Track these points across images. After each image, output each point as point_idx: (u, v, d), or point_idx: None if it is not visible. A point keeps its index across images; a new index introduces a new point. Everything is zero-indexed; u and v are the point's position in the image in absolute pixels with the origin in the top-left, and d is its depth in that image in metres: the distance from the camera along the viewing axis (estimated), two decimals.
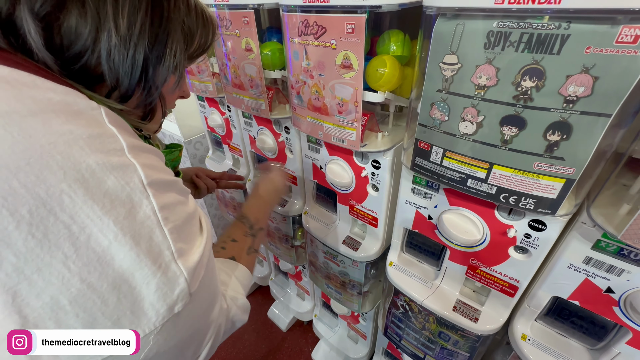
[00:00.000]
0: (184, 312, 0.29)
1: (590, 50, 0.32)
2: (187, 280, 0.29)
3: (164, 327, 0.28)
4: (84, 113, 0.26)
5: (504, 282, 0.58)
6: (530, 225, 0.49)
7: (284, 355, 1.32)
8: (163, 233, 0.27)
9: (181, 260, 0.28)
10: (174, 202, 0.29)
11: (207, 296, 0.34)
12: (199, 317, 0.33)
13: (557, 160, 0.39)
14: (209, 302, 0.35)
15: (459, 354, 0.70)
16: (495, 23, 0.35)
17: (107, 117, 0.27)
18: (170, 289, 0.28)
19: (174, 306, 0.28)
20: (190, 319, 0.31)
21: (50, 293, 0.23)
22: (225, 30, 0.70)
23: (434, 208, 0.60)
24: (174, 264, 0.28)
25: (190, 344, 0.33)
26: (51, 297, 0.23)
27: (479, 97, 0.40)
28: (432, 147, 0.49)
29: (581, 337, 0.56)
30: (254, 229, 0.55)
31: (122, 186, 0.25)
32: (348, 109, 0.57)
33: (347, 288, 0.91)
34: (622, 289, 0.45)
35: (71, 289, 0.23)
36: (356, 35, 0.48)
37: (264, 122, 0.87)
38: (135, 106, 0.33)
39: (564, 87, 0.34)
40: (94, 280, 0.24)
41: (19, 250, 0.22)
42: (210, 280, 0.34)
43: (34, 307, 0.23)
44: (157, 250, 0.27)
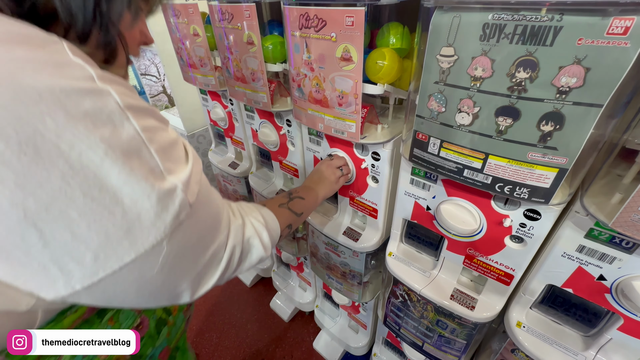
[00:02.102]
0: (189, 222, 0.31)
1: (582, 42, 0.33)
2: (184, 191, 0.30)
3: (173, 235, 0.30)
4: (47, 45, 0.25)
5: (500, 271, 0.60)
6: (526, 214, 0.51)
7: (286, 345, 1.35)
8: (150, 152, 0.28)
9: (173, 176, 0.30)
10: (154, 127, 0.30)
11: (209, 214, 0.36)
12: (205, 230, 0.35)
13: (550, 150, 0.40)
14: (211, 220, 0.36)
15: (457, 342, 0.72)
16: (491, 15, 0.36)
17: (70, 50, 0.26)
18: (171, 199, 0.29)
19: (178, 215, 0.30)
20: (197, 229, 0.33)
21: (58, 207, 0.24)
22: (227, 24, 0.71)
23: (432, 199, 0.61)
24: (167, 180, 0.29)
25: (202, 253, 0.35)
26: (60, 210, 0.24)
27: (475, 88, 0.41)
28: (430, 138, 0.50)
29: (575, 324, 0.58)
30: (292, 195, 0.59)
31: (100, 108, 0.25)
32: (348, 102, 0.58)
33: (347, 278, 0.93)
34: (613, 277, 0.46)
35: (77, 202, 0.24)
36: (356, 28, 0.49)
37: (266, 115, 0.88)
38: (95, 47, 0.32)
39: (557, 78, 0.35)
40: (96, 194, 0.25)
41: (15, 167, 0.22)
42: (208, 199, 0.36)
43: (46, 220, 0.24)
44: (148, 167, 0.28)
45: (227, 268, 0.39)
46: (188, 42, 0.88)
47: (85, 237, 0.25)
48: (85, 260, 0.26)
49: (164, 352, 0.51)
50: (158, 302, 0.34)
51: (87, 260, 0.26)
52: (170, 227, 0.29)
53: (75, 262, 0.26)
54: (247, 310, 1.49)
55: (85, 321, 0.39)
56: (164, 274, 0.31)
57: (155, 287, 0.31)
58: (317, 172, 0.71)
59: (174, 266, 0.31)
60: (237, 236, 0.41)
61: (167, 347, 0.51)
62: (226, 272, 0.39)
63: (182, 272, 0.33)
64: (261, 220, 0.47)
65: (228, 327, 1.43)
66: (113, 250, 0.27)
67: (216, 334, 1.40)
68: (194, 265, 0.34)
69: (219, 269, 0.38)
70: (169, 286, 0.33)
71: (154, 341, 0.48)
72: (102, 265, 0.27)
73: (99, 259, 0.26)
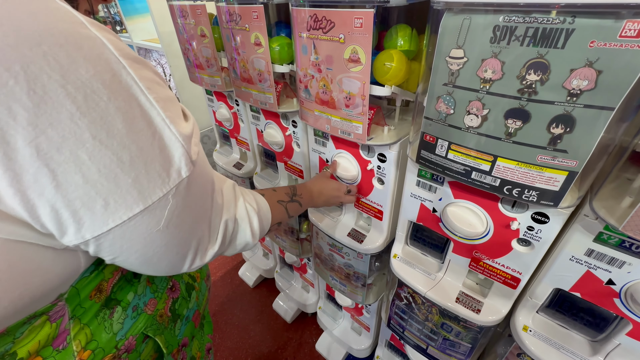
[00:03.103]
0: (191, 181, 0.32)
1: (594, 44, 0.32)
2: (184, 146, 0.31)
3: (178, 190, 0.31)
4: None
5: (506, 274, 0.59)
6: (534, 217, 0.50)
7: (289, 347, 1.34)
8: (149, 101, 0.28)
9: (174, 126, 0.30)
10: (151, 78, 0.30)
11: (207, 180, 0.37)
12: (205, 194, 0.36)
13: (560, 153, 0.40)
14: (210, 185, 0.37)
15: (461, 345, 0.71)
16: (502, 17, 0.36)
17: None
18: (172, 151, 0.30)
19: (180, 170, 0.30)
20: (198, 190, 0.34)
21: (69, 148, 0.24)
22: (234, 25, 0.71)
23: (438, 201, 0.61)
24: (168, 130, 0.30)
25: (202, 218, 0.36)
26: (70, 151, 0.24)
27: (485, 90, 0.41)
28: (438, 140, 0.50)
29: (582, 328, 0.57)
30: (295, 197, 0.60)
31: (97, 54, 0.26)
32: (355, 103, 0.58)
33: (351, 280, 0.93)
34: (623, 281, 0.46)
35: (86, 144, 0.25)
36: (364, 29, 0.49)
37: (272, 115, 0.88)
38: None
39: (568, 80, 0.35)
40: (104, 138, 0.26)
41: (26, 104, 0.22)
42: (206, 166, 0.37)
43: (58, 160, 0.24)
44: (149, 116, 0.28)
45: (222, 242, 0.40)
46: (195, 43, 0.88)
47: (95, 182, 0.26)
48: (95, 207, 0.26)
49: (195, 314, 0.54)
50: (159, 265, 0.34)
51: (97, 207, 0.26)
52: (174, 181, 0.30)
53: (86, 208, 0.26)
54: (250, 311, 1.49)
55: (125, 279, 0.41)
56: (170, 231, 0.32)
57: (159, 245, 0.32)
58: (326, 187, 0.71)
59: (178, 225, 0.32)
60: (230, 211, 0.42)
61: (197, 311, 0.55)
62: (222, 246, 0.40)
63: (185, 234, 0.34)
64: (254, 206, 0.47)
65: (230, 328, 1.43)
66: (122, 198, 0.27)
67: (218, 334, 1.40)
68: (196, 227, 0.35)
69: (218, 241, 0.39)
70: (172, 248, 0.33)
71: (187, 303, 0.51)
72: (111, 215, 0.27)
73: (109, 206, 0.27)
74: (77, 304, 0.35)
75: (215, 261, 1.76)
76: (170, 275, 0.39)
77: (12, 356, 0.30)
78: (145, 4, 1.43)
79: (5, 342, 0.30)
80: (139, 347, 0.41)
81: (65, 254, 0.31)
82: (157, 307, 0.44)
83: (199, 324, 0.57)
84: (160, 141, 0.29)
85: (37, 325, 0.32)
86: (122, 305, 0.40)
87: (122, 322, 0.39)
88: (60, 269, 0.31)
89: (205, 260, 0.39)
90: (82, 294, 0.35)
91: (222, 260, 1.76)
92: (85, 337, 0.35)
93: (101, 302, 0.37)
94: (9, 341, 0.30)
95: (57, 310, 0.33)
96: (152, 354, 0.44)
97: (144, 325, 0.41)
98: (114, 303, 0.39)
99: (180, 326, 0.49)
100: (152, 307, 0.43)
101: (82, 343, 0.35)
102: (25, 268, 0.27)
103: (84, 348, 0.35)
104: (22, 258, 0.27)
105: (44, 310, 0.32)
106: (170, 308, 0.47)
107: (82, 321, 0.35)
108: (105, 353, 0.37)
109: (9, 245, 0.26)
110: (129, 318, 0.40)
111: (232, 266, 1.72)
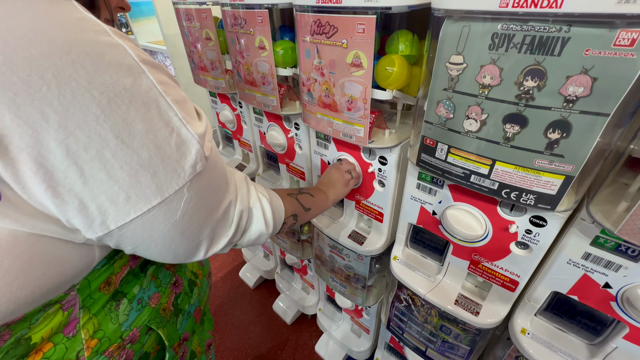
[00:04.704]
0: (205, 174, 0.34)
1: (589, 53, 0.33)
2: (199, 142, 0.33)
3: (192, 184, 0.33)
4: (60, 1, 0.27)
5: (505, 277, 0.60)
6: (531, 221, 0.51)
7: (288, 348, 1.35)
8: (167, 102, 0.31)
9: (190, 126, 0.32)
10: (167, 82, 0.32)
11: (220, 173, 0.39)
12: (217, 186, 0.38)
13: (557, 158, 0.40)
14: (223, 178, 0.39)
15: (460, 347, 0.72)
16: (500, 25, 0.37)
17: (81, 7, 0.28)
18: (188, 148, 0.32)
19: (195, 165, 0.33)
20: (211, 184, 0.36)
21: (94, 147, 0.27)
22: (239, 29, 0.72)
23: (438, 204, 0.62)
24: (184, 129, 0.32)
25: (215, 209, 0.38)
26: (96, 150, 0.27)
27: (483, 96, 0.42)
28: (438, 144, 0.51)
29: (579, 331, 0.58)
30: (302, 190, 0.62)
31: (119, 61, 0.28)
32: (357, 106, 0.59)
33: (351, 282, 0.93)
34: (619, 285, 0.47)
35: (110, 144, 0.27)
36: (367, 35, 0.50)
37: (275, 118, 0.90)
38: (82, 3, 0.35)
39: (564, 87, 0.36)
40: (126, 137, 0.28)
41: (57, 108, 0.25)
42: (219, 160, 0.39)
43: (85, 159, 0.26)
44: (167, 117, 0.31)
45: (236, 231, 0.42)
46: (200, 45, 0.90)
47: (118, 177, 0.28)
48: (119, 200, 0.29)
49: (197, 310, 0.56)
50: (176, 253, 0.37)
51: (120, 200, 0.29)
52: (189, 175, 0.32)
53: (110, 201, 0.28)
54: (250, 312, 1.50)
55: (132, 274, 0.43)
56: (185, 221, 0.34)
57: (176, 234, 0.34)
58: (327, 175, 0.72)
59: (193, 215, 0.34)
60: (244, 201, 0.44)
61: (199, 306, 0.56)
62: (235, 234, 0.42)
63: (199, 223, 0.36)
64: (266, 196, 0.49)
65: (230, 329, 1.43)
66: (142, 192, 0.29)
67: (218, 334, 1.41)
68: (209, 217, 0.37)
69: (231, 229, 0.41)
70: (189, 236, 0.35)
71: (189, 298, 0.52)
72: (133, 206, 0.29)
73: (131, 199, 0.29)
74: (87, 295, 0.37)
75: (217, 261, 1.76)
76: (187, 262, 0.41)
77: (27, 340, 0.32)
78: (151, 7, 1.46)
79: (22, 328, 0.32)
80: (142, 338, 0.42)
81: (83, 248, 0.33)
82: (160, 301, 0.46)
83: (199, 319, 0.58)
84: (177, 139, 0.31)
85: (50, 313, 0.34)
86: (128, 297, 0.41)
87: (127, 314, 0.41)
88: (77, 262, 0.33)
89: (220, 247, 0.40)
90: (92, 286, 0.37)
91: (223, 260, 1.77)
92: (93, 326, 0.37)
93: (110, 295, 0.39)
94: (26, 327, 0.32)
95: (69, 299, 0.35)
96: (154, 346, 0.45)
97: (148, 317, 0.43)
98: (120, 295, 0.41)
99: (182, 320, 0.50)
100: (155, 301, 0.45)
101: (90, 332, 0.37)
102: (46, 260, 0.30)
103: (92, 337, 0.37)
104: (44, 251, 0.29)
105: (57, 299, 0.34)
106: (173, 303, 0.48)
107: (91, 311, 0.37)
108: (111, 342, 0.39)
109: (33, 239, 0.28)
110: (134, 310, 0.42)
111: (232, 267, 1.73)
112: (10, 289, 0.27)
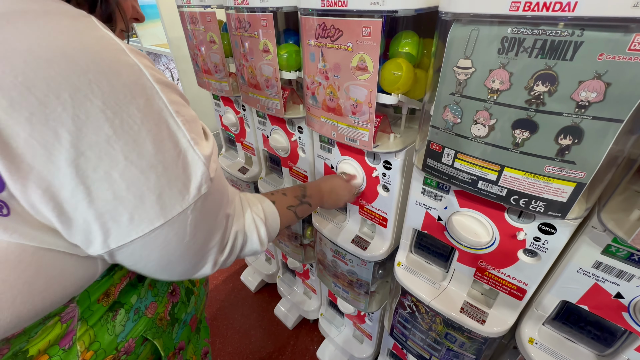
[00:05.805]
0: (209, 196, 0.34)
1: (603, 57, 0.33)
2: (205, 164, 0.33)
3: (196, 205, 0.33)
4: (81, 18, 0.28)
5: (512, 285, 0.59)
6: (540, 228, 0.50)
7: (290, 353, 1.33)
8: (177, 123, 0.31)
9: (197, 147, 0.32)
10: (179, 102, 0.32)
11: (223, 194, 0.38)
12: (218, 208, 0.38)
13: (568, 164, 0.39)
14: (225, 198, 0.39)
15: (465, 356, 0.70)
16: (510, 29, 0.37)
17: (100, 24, 0.29)
18: (194, 170, 0.32)
19: (200, 187, 0.33)
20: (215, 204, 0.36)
21: (103, 168, 0.27)
22: (243, 32, 0.72)
23: (443, 209, 0.61)
24: (192, 150, 0.32)
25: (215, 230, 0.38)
26: (105, 171, 0.27)
27: (492, 100, 0.41)
28: (444, 149, 0.50)
29: (589, 342, 0.56)
30: (305, 199, 0.60)
31: (134, 80, 0.28)
32: (362, 110, 0.58)
33: (354, 287, 0.92)
34: (631, 295, 0.45)
35: (119, 165, 0.27)
36: (372, 38, 0.50)
37: (278, 121, 0.89)
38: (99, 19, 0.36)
39: (576, 92, 0.35)
40: (135, 159, 0.28)
41: (70, 128, 0.25)
42: (223, 180, 0.39)
43: (93, 179, 0.26)
44: (176, 138, 0.31)
45: (230, 252, 0.41)
46: (204, 48, 0.90)
47: (124, 198, 0.28)
48: (122, 220, 0.29)
49: (193, 319, 0.56)
50: (173, 271, 0.36)
51: (123, 220, 0.29)
52: (193, 197, 0.32)
53: (113, 221, 0.28)
54: (251, 316, 1.49)
55: (131, 284, 0.43)
56: (186, 242, 0.34)
57: (175, 255, 0.34)
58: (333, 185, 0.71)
59: (193, 236, 0.34)
60: (239, 222, 0.43)
61: (195, 315, 0.56)
62: (230, 255, 0.42)
63: (198, 245, 0.36)
64: (261, 216, 0.48)
65: (232, 333, 1.42)
66: (146, 213, 0.29)
67: (219, 339, 1.39)
68: (209, 240, 0.37)
69: (225, 251, 0.40)
70: (186, 257, 0.35)
71: (186, 307, 0.52)
72: (135, 227, 0.29)
73: (134, 220, 0.29)
74: (86, 307, 0.36)
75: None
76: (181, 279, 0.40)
77: (24, 354, 0.32)
78: (156, 10, 1.46)
79: (20, 341, 0.31)
80: (137, 349, 0.42)
81: (87, 261, 0.32)
82: (157, 311, 0.45)
83: (195, 328, 0.57)
84: (184, 161, 0.31)
85: (49, 326, 0.33)
86: (125, 308, 0.41)
87: (123, 325, 0.40)
88: (81, 275, 0.33)
89: (216, 268, 0.40)
90: (92, 298, 0.36)
91: None
92: (89, 338, 0.36)
93: (108, 306, 0.38)
94: (24, 340, 0.32)
95: (68, 311, 0.34)
96: (149, 356, 0.45)
97: (144, 328, 0.43)
98: (118, 306, 0.40)
99: (178, 330, 0.50)
100: (152, 311, 0.44)
101: (86, 344, 0.36)
102: (51, 274, 0.29)
103: (87, 348, 0.36)
104: (49, 265, 0.29)
105: (57, 311, 0.33)
106: (170, 312, 0.48)
107: (88, 323, 0.36)
108: (107, 354, 0.38)
109: (40, 253, 0.28)
110: (130, 321, 0.41)
111: (234, 270, 1.72)
112: (14, 304, 0.27)
